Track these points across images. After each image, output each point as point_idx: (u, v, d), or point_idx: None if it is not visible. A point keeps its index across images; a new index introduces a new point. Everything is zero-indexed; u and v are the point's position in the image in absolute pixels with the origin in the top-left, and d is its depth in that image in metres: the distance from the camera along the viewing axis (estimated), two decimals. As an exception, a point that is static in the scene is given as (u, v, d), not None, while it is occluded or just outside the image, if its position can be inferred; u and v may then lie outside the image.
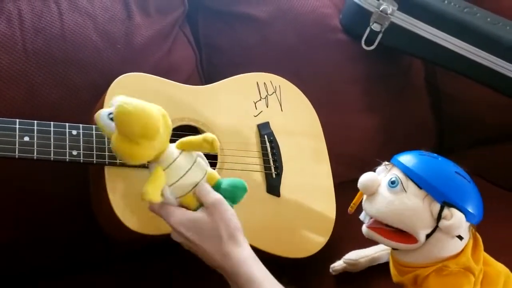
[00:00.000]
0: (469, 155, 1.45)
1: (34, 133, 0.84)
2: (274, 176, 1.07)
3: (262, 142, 1.08)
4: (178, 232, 0.82)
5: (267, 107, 1.12)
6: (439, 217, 0.85)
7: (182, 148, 0.84)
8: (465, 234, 0.88)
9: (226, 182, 0.85)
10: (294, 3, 1.30)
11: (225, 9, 1.28)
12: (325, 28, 1.32)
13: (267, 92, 1.13)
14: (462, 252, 0.89)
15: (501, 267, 0.94)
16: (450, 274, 0.87)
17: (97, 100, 0.97)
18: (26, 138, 0.84)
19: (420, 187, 0.87)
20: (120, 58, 1.08)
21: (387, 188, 0.89)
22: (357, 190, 0.93)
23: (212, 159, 0.98)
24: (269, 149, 1.08)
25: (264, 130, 1.09)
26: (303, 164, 1.12)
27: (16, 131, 0.83)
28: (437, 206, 0.85)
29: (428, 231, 0.87)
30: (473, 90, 1.41)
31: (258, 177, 1.05)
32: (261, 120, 1.10)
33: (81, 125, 0.89)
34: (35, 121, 0.85)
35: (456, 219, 0.84)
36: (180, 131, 0.99)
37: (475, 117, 1.48)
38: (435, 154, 0.92)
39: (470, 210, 0.86)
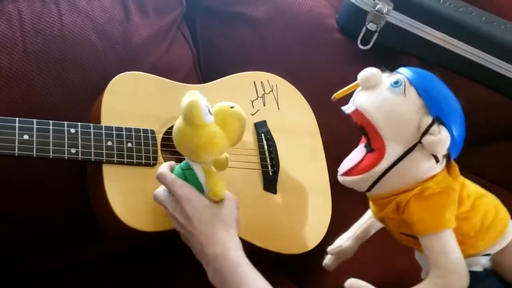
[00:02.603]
0: (467, 154, 1.46)
1: (33, 131, 0.86)
2: (271, 173, 1.08)
3: (259, 140, 1.09)
4: (180, 207, 0.83)
5: (264, 105, 1.13)
6: (425, 132, 0.83)
7: None
8: (441, 159, 0.87)
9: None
10: (291, 3, 1.31)
11: (222, 9, 1.29)
12: (322, 27, 1.33)
13: (264, 91, 1.14)
14: (439, 173, 0.87)
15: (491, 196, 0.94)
16: (432, 195, 0.85)
17: (96, 99, 0.98)
18: (26, 136, 0.85)
19: (420, 95, 0.85)
20: (118, 58, 1.09)
21: (388, 86, 0.86)
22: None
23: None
24: (266, 147, 1.09)
25: (261, 128, 1.11)
26: (300, 162, 1.13)
27: (15, 130, 0.84)
28: (428, 119, 0.83)
29: (406, 145, 0.85)
30: (469, 89, 1.41)
31: (255, 175, 1.06)
32: (258, 118, 1.11)
33: (79, 123, 0.90)
34: (35, 120, 0.87)
35: (443, 137, 0.82)
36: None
37: (472, 116, 1.47)
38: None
39: (455, 136, 0.84)
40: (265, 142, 1.09)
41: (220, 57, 1.29)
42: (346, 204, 1.17)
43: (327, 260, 1.06)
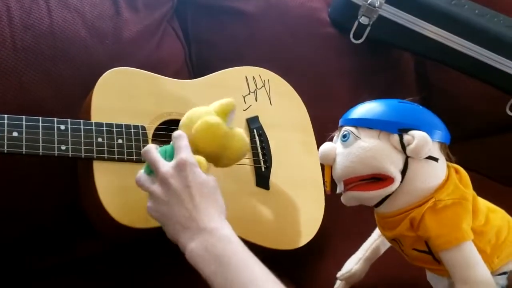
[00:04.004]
0: (460, 149, 1.46)
1: (22, 128, 0.85)
2: (263, 169, 1.07)
3: (251, 136, 1.09)
4: (178, 172, 0.78)
5: (256, 101, 1.13)
6: (403, 147, 0.84)
7: None
8: (438, 154, 0.87)
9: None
10: (283, -3, 1.31)
11: (214, 4, 1.29)
12: (314, 22, 1.33)
13: (256, 86, 1.14)
14: (448, 180, 0.87)
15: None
16: (445, 207, 0.84)
17: (86, 95, 0.97)
18: (15, 134, 0.84)
19: (371, 128, 0.86)
20: (109, 54, 1.08)
21: (342, 146, 0.88)
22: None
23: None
24: (258, 142, 1.09)
25: (253, 124, 1.10)
26: (292, 157, 1.13)
27: (4, 127, 0.84)
28: (395, 137, 0.84)
29: (400, 165, 0.85)
30: (463, 82, 1.42)
31: (248, 171, 1.06)
32: (250, 114, 1.11)
33: (69, 120, 0.89)
34: (24, 116, 0.86)
35: (420, 138, 0.82)
36: (168, 125, 1.00)
37: (465, 110, 1.49)
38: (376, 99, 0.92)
39: (432, 128, 0.85)
40: (257, 138, 1.09)
41: (211, 52, 1.29)
42: (339, 199, 1.17)
43: (338, 285, 1.04)
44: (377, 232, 1.03)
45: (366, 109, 0.89)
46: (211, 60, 1.28)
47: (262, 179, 1.06)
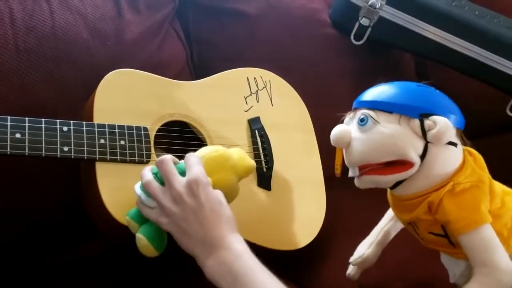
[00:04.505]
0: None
1: (25, 129, 0.85)
2: (264, 170, 1.08)
3: (253, 136, 1.09)
4: (192, 190, 0.80)
5: (258, 102, 1.13)
6: (424, 132, 0.82)
7: None
8: (456, 139, 0.86)
9: None
10: (284, -1, 1.31)
11: (215, 5, 1.29)
12: (315, 23, 1.33)
13: (258, 87, 1.14)
14: (465, 163, 0.86)
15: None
16: (464, 191, 0.83)
17: (88, 97, 0.97)
18: (18, 135, 0.85)
19: (391, 112, 0.84)
20: (111, 55, 1.09)
21: (359, 130, 0.85)
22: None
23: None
24: (259, 143, 1.09)
25: (255, 125, 1.10)
26: (294, 157, 1.13)
27: (7, 128, 0.84)
28: (416, 122, 0.83)
29: (420, 150, 0.83)
30: (463, 83, 1.42)
31: (249, 171, 1.06)
32: (251, 115, 1.11)
33: (71, 121, 0.90)
34: (27, 118, 0.86)
35: (442, 124, 0.81)
36: (171, 127, 1.00)
37: (465, 110, 1.48)
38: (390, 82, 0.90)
39: (450, 113, 0.84)
40: (258, 139, 1.09)
41: (213, 53, 1.29)
42: (340, 199, 1.17)
43: (350, 270, 1.03)
44: (387, 217, 1.02)
45: (385, 91, 0.87)
46: (212, 60, 1.28)
47: (264, 180, 1.07)
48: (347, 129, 0.87)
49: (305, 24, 1.32)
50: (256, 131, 1.10)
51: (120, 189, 0.90)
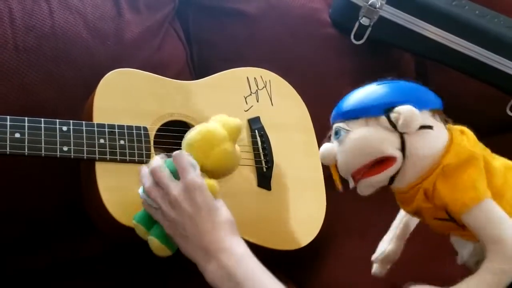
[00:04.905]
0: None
1: (25, 129, 0.85)
2: (265, 169, 1.07)
3: (253, 136, 1.09)
4: (189, 195, 0.81)
5: (258, 101, 1.13)
6: (393, 125, 0.82)
7: None
8: (431, 121, 0.84)
9: None
10: (284, -2, 1.31)
11: (215, 5, 1.29)
12: (315, 22, 1.33)
13: (257, 86, 1.14)
14: (452, 143, 0.85)
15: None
16: (454, 170, 0.82)
17: (88, 96, 0.97)
18: (17, 135, 0.85)
19: (357, 118, 0.85)
20: (110, 55, 1.09)
21: (337, 144, 0.87)
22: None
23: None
24: (259, 143, 1.09)
25: (255, 124, 1.10)
26: (294, 157, 1.13)
27: (7, 128, 0.84)
28: (383, 119, 0.83)
29: (397, 144, 0.83)
30: (463, 83, 1.42)
31: (249, 171, 1.06)
32: (251, 114, 1.11)
33: (71, 121, 0.90)
34: (26, 118, 0.86)
35: (405, 112, 0.81)
36: (171, 127, 1.00)
37: (465, 110, 1.48)
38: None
39: (414, 98, 0.83)
40: (258, 139, 1.09)
41: (213, 53, 1.29)
42: (340, 199, 1.17)
43: (375, 269, 1.01)
44: (403, 211, 1.01)
45: (350, 100, 0.88)
46: (212, 60, 1.28)
47: (264, 180, 1.07)
48: (330, 146, 0.89)
49: (305, 23, 1.32)
50: (256, 131, 1.10)
51: (120, 189, 0.90)
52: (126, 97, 0.98)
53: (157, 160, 0.85)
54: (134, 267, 1.09)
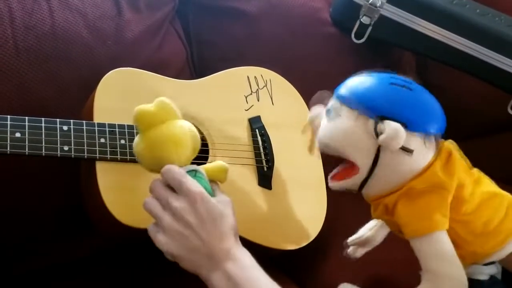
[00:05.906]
0: (460, 148, 1.46)
1: (25, 129, 0.85)
2: (265, 169, 1.07)
3: (254, 135, 1.09)
4: (193, 207, 0.78)
5: (258, 101, 1.13)
6: (376, 135, 0.79)
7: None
8: (417, 145, 0.80)
9: None
10: (284, -3, 1.31)
11: (215, 4, 1.29)
12: (315, 21, 1.33)
13: (258, 86, 1.14)
14: (429, 169, 0.82)
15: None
16: (418, 195, 0.81)
17: (88, 96, 0.97)
18: (18, 134, 0.84)
19: (352, 108, 0.82)
20: (110, 54, 1.08)
21: (326, 118, 0.85)
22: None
23: (203, 153, 0.99)
24: (260, 142, 1.09)
25: (255, 124, 1.10)
26: (294, 157, 1.13)
27: (7, 127, 0.84)
28: (370, 123, 0.80)
29: (371, 153, 0.81)
30: (464, 82, 1.42)
31: (250, 171, 1.06)
32: (252, 114, 1.11)
33: (72, 120, 0.89)
34: (26, 117, 0.86)
35: (390, 130, 0.77)
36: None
37: (466, 109, 1.49)
38: (376, 72, 0.86)
39: (413, 118, 0.79)
40: (259, 138, 1.09)
41: (213, 52, 1.29)
42: (341, 198, 1.17)
43: (349, 250, 1.03)
44: None
45: (354, 84, 0.84)
46: (212, 60, 1.28)
47: (264, 179, 1.07)
48: (319, 111, 0.89)
49: (306, 23, 1.32)
50: (257, 130, 1.09)
51: (121, 188, 0.90)
52: (126, 96, 0.97)
53: (154, 182, 0.82)
54: (134, 267, 1.09)
